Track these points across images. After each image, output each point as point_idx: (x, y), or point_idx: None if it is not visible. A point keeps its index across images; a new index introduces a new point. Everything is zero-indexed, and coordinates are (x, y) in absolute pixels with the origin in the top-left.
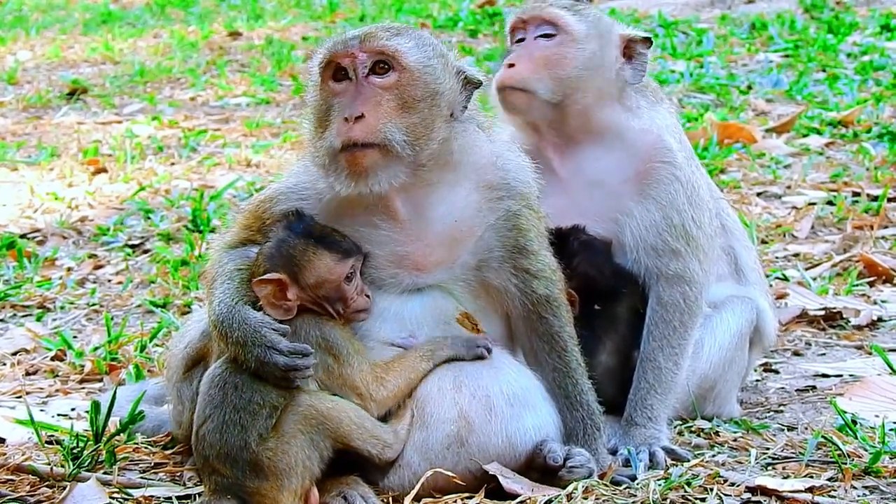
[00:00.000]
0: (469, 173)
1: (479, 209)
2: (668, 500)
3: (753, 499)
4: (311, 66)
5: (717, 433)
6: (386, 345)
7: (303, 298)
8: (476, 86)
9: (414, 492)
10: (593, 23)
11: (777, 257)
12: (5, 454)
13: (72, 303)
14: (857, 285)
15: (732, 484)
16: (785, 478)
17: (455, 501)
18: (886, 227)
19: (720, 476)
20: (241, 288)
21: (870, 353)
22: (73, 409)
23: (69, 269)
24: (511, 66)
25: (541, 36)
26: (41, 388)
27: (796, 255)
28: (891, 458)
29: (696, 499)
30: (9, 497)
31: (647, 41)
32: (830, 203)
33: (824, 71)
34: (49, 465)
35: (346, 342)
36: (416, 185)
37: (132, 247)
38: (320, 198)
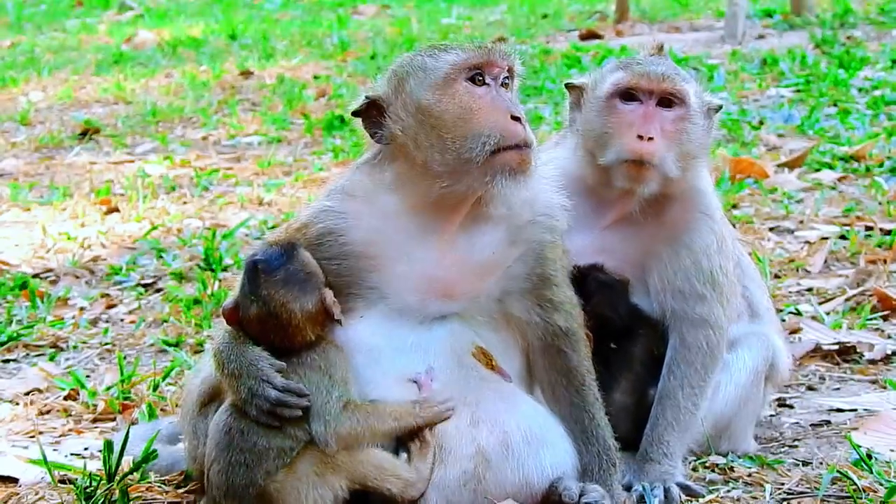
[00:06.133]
0: (514, 207)
1: (513, 242)
2: None
3: None
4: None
5: (731, 468)
6: (403, 381)
7: None
8: None
9: None
10: (699, 94)
11: (790, 292)
12: (18, 494)
13: (84, 342)
14: (870, 319)
15: None
16: None
17: None
18: None
19: None
20: None
21: (884, 388)
22: (86, 449)
23: (82, 309)
24: (650, 139)
25: (660, 105)
26: (54, 428)
27: (809, 289)
28: None
29: None
30: None
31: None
32: (843, 237)
33: (836, 105)
34: None
35: (345, 370)
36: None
37: (145, 286)
38: (360, 214)
